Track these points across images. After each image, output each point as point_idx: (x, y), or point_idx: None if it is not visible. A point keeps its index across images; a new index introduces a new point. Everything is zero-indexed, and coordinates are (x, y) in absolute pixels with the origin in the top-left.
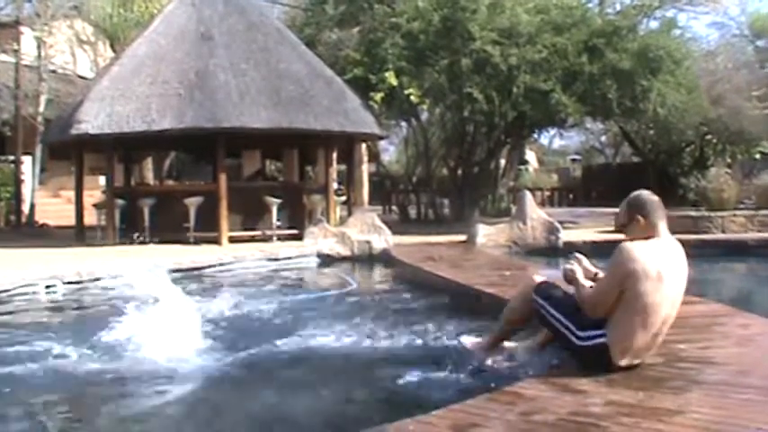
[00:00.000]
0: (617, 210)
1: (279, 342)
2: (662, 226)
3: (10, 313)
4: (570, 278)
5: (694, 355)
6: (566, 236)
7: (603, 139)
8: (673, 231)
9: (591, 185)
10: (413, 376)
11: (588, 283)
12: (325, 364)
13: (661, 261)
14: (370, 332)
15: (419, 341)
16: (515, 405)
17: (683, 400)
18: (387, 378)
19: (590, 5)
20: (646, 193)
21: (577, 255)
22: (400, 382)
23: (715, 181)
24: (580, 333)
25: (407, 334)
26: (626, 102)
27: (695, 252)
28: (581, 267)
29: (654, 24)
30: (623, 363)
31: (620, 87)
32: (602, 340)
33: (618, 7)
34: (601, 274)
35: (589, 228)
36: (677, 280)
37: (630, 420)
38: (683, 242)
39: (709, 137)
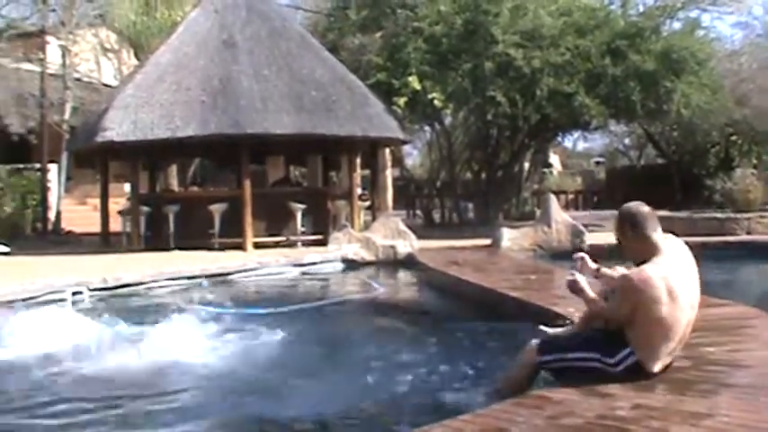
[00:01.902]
0: None
1: None
2: (657, 236)
3: None
4: (575, 290)
5: (723, 357)
6: (590, 239)
7: (627, 141)
8: (698, 233)
9: (615, 188)
10: None
11: (592, 294)
12: None
13: (668, 279)
14: None
15: None
16: (543, 409)
17: (711, 404)
18: None
19: (613, 7)
20: (632, 206)
21: (578, 256)
22: None
23: (741, 182)
24: (611, 360)
25: None
26: (650, 103)
27: (721, 254)
28: (584, 270)
29: (677, 25)
30: (657, 369)
31: (643, 89)
32: (633, 359)
33: (641, 9)
34: (603, 269)
35: (613, 231)
36: (689, 286)
37: (659, 424)
38: (708, 244)
39: (734, 137)
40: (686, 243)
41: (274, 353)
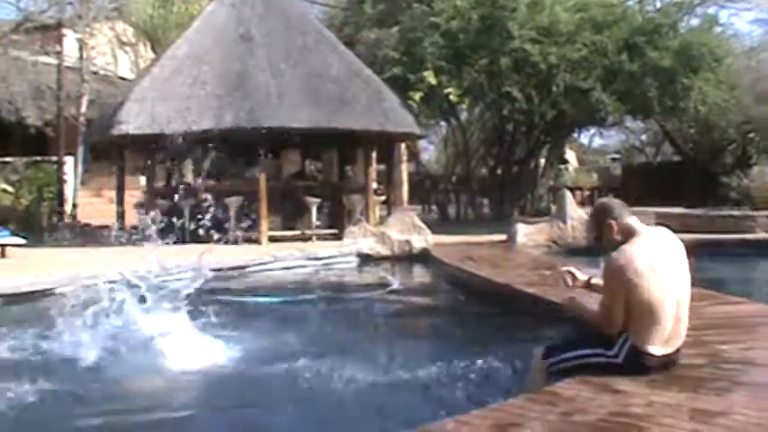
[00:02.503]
0: (658, 209)
1: None
2: (633, 221)
3: None
4: (572, 309)
5: (737, 356)
6: None
7: (644, 137)
8: (715, 231)
9: (631, 185)
10: None
11: (590, 303)
12: None
13: (648, 255)
14: None
15: None
16: (555, 405)
17: (725, 402)
18: None
19: (630, 3)
20: (605, 199)
21: (564, 270)
22: None
23: (758, 180)
24: (610, 352)
25: None
26: (666, 100)
27: (738, 252)
28: (575, 285)
29: (695, 22)
30: (659, 352)
31: (660, 85)
32: (629, 344)
33: (658, 5)
34: (594, 280)
35: None
36: (672, 265)
37: (672, 421)
38: (724, 242)
39: (751, 135)
40: (703, 241)
41: None
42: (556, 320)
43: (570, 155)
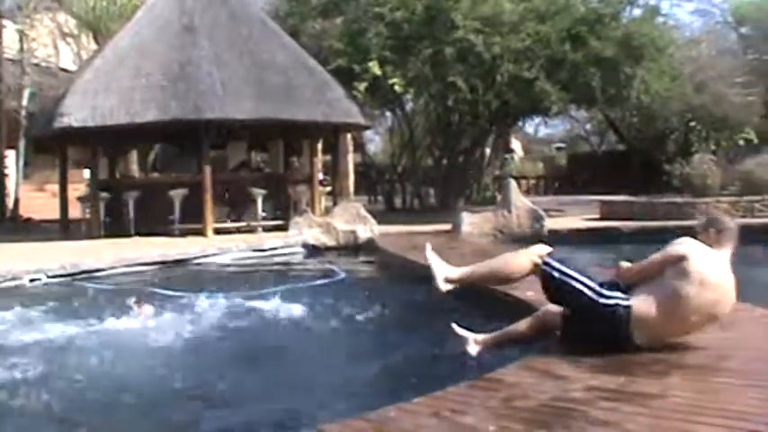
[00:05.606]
0: (603, 197)
1: None
2: (728, 247)
3: None
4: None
5: (675, 340)
6: (551, 224)
7: (588, 126)
8: (657, 218)
9: (576, 173)
10: None
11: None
12: None
13: (710, 269)
14: None
15: None
16: (497, 391)
17: (663, 385)
18: None
19: None
20: (727, 217)
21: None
22: None
23: (699, 167)
24: (605, 291)
25: None
26: (610, 89)
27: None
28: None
29: (637, 12)
30: (640, 342)
31: (603, 75)
32: (625, 303)
33: None
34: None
35: (574, 216)
36: (720, 293)
37: (610, 405)
38: (666, 229)
39: (693, 124)
40: (646, 228)
41: None
42: (498, 310)
43: (516, 144)
